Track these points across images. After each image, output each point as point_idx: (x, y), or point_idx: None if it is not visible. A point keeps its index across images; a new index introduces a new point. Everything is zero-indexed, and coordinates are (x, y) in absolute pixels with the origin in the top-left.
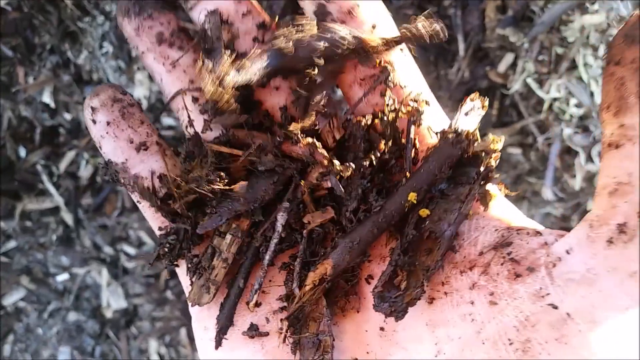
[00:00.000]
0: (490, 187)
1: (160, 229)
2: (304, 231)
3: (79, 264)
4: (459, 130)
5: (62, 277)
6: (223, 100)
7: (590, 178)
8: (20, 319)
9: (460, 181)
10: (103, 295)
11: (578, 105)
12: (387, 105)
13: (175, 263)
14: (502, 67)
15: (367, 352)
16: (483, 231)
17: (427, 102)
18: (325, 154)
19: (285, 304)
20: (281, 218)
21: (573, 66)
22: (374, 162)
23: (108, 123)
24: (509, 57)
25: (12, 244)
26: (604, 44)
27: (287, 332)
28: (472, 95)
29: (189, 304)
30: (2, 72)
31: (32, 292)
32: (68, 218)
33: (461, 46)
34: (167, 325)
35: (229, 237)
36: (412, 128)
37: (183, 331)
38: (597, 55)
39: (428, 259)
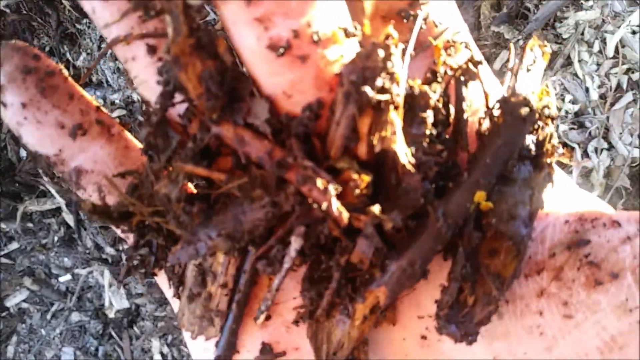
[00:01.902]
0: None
1: (124, 231)
2: (341, 259)
3: (81, 264)
4: (527, 98)
5: (65, 278)
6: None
7: (586, 174)
8: (24, 320)
9: (520, 156)
10: (105, 295)
11: (573, 102)
12: (440, 60)
13: (153, 273)
14: (497, 64)
15: None
16: (550, 222)
17: (467, 45)
18: (357, 215)
19: (301, 313)
20: (295, 242)
21: (568, 62)
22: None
23: (24, 105)
24: (503, 55)
25: (14, 245)
26: (598, 40)
27: None
28: (531, 43)
29: (186, 333)
30: None
31: (34, 293)
32: (69, 219)
33: None
34: (169, 325)
35: (221, 256)
36: (464, 90)
37: None
38: (592, 51)
39: (494, 262)
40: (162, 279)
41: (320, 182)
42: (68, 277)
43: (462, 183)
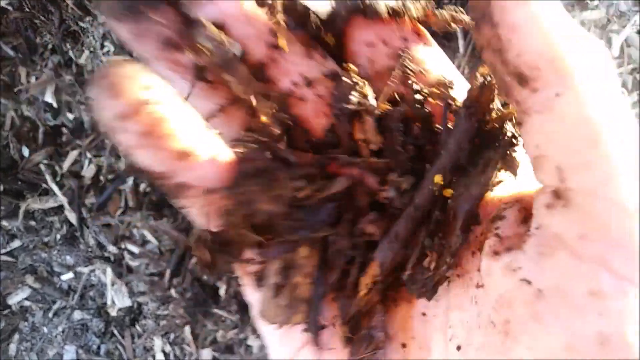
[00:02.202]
0: (517, 153)
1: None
2: (360, 238)
3: (83, 262)
4: (468, 104)
5: (67, 276)
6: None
7: None
8: (26, 318)
9: (483, 155)
10: (107, 293)
11: None
12: (416, 91)
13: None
14: None
15: (412, 337)
16: (494, 205)
17: (451, 83)
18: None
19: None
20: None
21: None
22: (412, 155)
23: (143, 134)
24: None
25: (16, 243)
26: (604, 39)
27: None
28: (481, 70)
29: (268, 324)
30: (4, 72)
31: (37, 291)
32: (72, 217)
33: (461, 43)
34: (172, 324)
35: (305, 249)
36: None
37: (187, 329)
38: None
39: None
40: (240, 277)
41: (363, 165)
42: (70, 275)
43: (425, 174)
